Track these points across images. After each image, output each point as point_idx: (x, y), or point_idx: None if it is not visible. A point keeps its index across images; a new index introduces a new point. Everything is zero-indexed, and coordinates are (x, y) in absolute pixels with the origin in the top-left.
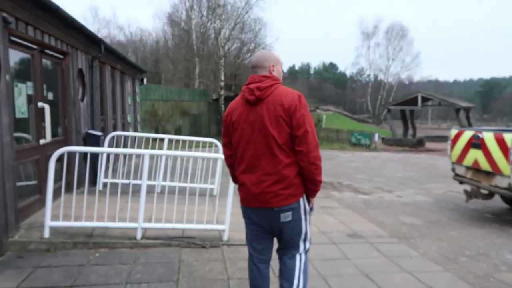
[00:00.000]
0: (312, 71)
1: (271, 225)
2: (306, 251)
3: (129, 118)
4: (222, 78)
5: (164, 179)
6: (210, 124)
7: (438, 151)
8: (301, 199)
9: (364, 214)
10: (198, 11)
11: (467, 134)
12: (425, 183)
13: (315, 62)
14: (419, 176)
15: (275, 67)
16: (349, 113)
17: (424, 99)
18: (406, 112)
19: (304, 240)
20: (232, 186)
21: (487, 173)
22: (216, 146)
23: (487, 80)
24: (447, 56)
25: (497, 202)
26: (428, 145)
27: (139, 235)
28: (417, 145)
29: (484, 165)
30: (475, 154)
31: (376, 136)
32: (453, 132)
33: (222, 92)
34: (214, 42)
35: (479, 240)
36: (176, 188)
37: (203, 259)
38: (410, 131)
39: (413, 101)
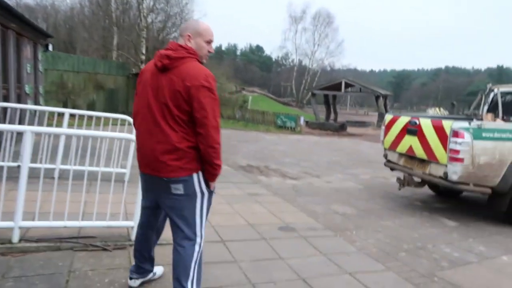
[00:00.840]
0: (238, 53)
1: (162, 197)
2: (200, 243)
3: (27, 89)
4: (144, 51)
5: (65, 162)
6: (129, 100)
7: (359, 135)
8: (194, 175)
9: (294, 203)
10: None
11: (403, 120)
12: (351, 168)
13: (242, 44)
14: (345, 160)
15: (194, 39)
16: (274, 96)
17: (347, 85)
18: (329, 97)
19: (201, 227)
20: None
21: (421, 161)
22: (129, 124)
23: (399, 72)
24: (365, 47)
25: (424, 189)
26: (350, 129)
27: (15, 237)
28: (340, 129)
29: (419, 152)
30: (410, 141)
31: (302, 119)
32: (388, 117)
33: (142, 66)
34: (136, 12)
35: (414, 231)
36: (71, 172)
37: (103, 266)
38: (332, 116)
39: (337, 87)
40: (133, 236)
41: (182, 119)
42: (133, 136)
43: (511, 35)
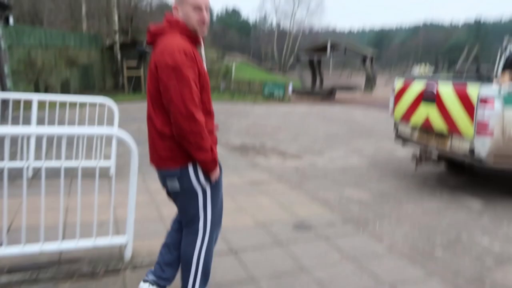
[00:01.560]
0: (215, 18)
1: (166, 186)
2: (207, 239)
3: None
4: (116, 20)
5: (39, 156)
6: (105, 76)
7: (349, 102)
8: (190, 167)
9: (303, 190)
10: None
11: (417, 86)
12: (352, 141)
13: (217, 8)
14: (342, 132)
15: (180, 8)
16: (255, 63)
17: (333, 47)
18: (314, 61)
19: (205, 224)
20: (136, 161)
21: (440, 135)
22: (110, 108)
23: (378, 32)
24: (341, 3)
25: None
26: (338, 95)
27: None
28: (328, 96)
29: (438, 124)
30: (426, 111)
31: (290, 88)
32: (398, 82)
33: (116, 38)
34: None
35: (440, 218)
36: (43, 171)
37: None
38: (318, 81)
39: (323, 49)
40: (127, 254)
41: (159, 102)
42: (115, 130)
43: None
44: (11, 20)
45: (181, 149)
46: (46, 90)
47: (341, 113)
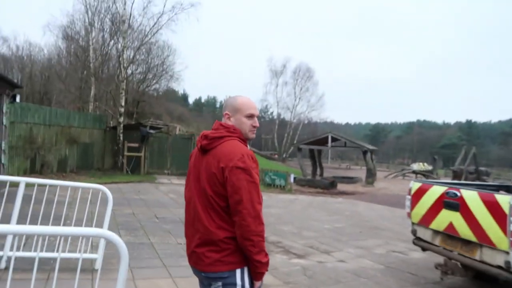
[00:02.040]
0: (218, 105)
1: None
2: None
3: None
4: (123, 104)
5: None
6: (105, 155)
7: (351, 194)
8: (237, 271)
9: None
10: (98, 27)
11: (437, 190)
12: (360, 239)
13: (221, 96)
14: (349, 227)
15: (233, 117)
16: (255, 149)
17: (333, 140)
18: (315, 151)
19: None
20: (126, 266)
21: (466, 242)
22: (105, 194)
23: (374, 125)
24: (338, 100)
25: None
26: (339, 186)
27: None
28: (330, 186)
29: (464, 231)
30: (449, 217)
31: (292, 177)
32: (415, 185)
33: (121, 119)
34: (116, 64)
35: None
36: (12, 262)
37: None
38: (318, 171)
39: (322, 141)
40: None
41: (220, 205)
42: (104, 232)
43: (476, 91)
44: (17, 98)
45: (231, 253)
46: (42, 166)
47: (344, 206)
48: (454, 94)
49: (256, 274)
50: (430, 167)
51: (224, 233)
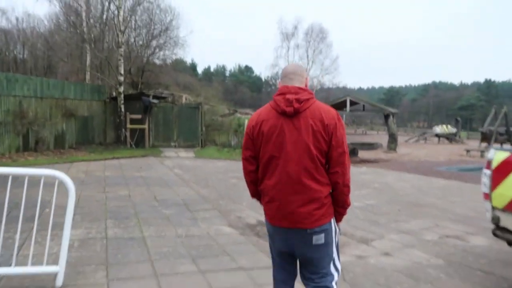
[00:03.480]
0: (227, 74)
1: (301, 248)
2: (336, 282)
3: None
4: (122, 72)
5: None
6: (107, 129)
7: (375, 162)
8: (332, 220)
9: None
10: None
11: None
12: (401, 220)
13: (230, 65)
14: (383, 205)
15: (306, 81)
16: None
17: (351, 104)
18: None
19: (335, 266)
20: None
21: None
22: (62, 183)
23: (388, 88)
24: (350, 63)
25: None
26: (360, 153)
27: None
28: (351, 154)
29: None
30: None
31: None
32: (499, 155)
33: (121, 89)
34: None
35: None
36: None
37: None
38: None
39: (340, 105)
40: None
41: (322, 162)
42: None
43: (494, 50)
44: None
45: (329, 206)
46: (37, 143)
47: (370, 176)
48: (471, 53)
49: (341, 216)
50: (454, 130)
51: (327, 189)
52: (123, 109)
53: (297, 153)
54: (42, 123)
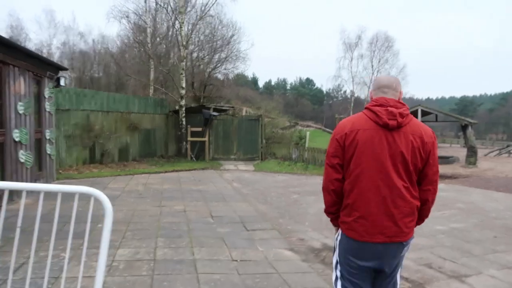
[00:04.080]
0: (288, 87)
1: (387, 261)
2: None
3: (17, 135)
4: (183, 85)
5: None
6: (168, 142)
7: (453, 177)
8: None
9: None
10: (156, 7)
11: None
12: (500, 249)
13: (291, 78)
14: (474, 229)
15: (400, 94)
16: (330, 129)
17: (424, 113)
18: None
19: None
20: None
21: None
22: (97, 200)
23: (461, 98)
24: (419, 73)
25: None
26: None
27: None
28: None
29: None
30: None
31: None
32: None
33: (182, 102)
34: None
35: None
36: None
37: None
38: None
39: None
40: None
41: (415, 177)
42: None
43: None
44: (62, 82)
45: (416, 219)
46: (102, 156)
47: (452, 194)
48: None
49: (415, 225)
50: None
51: (418, 203)
52: (184, 122)
53: (395, 167)
54: (108, 136)
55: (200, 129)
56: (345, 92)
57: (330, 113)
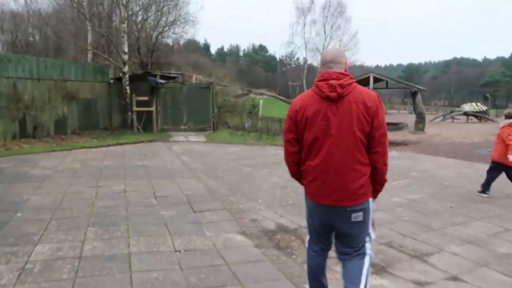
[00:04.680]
0: (241, 54)
1: (340, 224)
2: (370, 255)
3: None
4: (126, 50)
5: None
6: (112, 112)
7: (404, 144)
8: (370, 199)
9: None
10: None
11: None
12: (458, 221)
13: (244, 44)
14: (430, 200)
15: (346, 65)
16: (283, 97)
17: (376, 80)
18: None
19: (370, 241)
20: None
21: None
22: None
23: (407, 66)
24: (367, 41)
25: None
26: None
27: None
28: None
29: None
30: None
31: None
32: None
33: (125, 69)
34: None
35: None
36: None
37: None
38: None
39: (364, 83)
40: None
41: (364, 143)
42: None
43: None
44: None
45: (369, 184)
46: (35, 129)
47: (404, 162)
48: (494, 27)
49: (378, 193)
50: (484, 108)
51: (367, 169)
52: (128, 91)
53: (341, 135)
54: (41, 107)
55: (146, 98)
56: (298, 59)
57: (283, 80)
